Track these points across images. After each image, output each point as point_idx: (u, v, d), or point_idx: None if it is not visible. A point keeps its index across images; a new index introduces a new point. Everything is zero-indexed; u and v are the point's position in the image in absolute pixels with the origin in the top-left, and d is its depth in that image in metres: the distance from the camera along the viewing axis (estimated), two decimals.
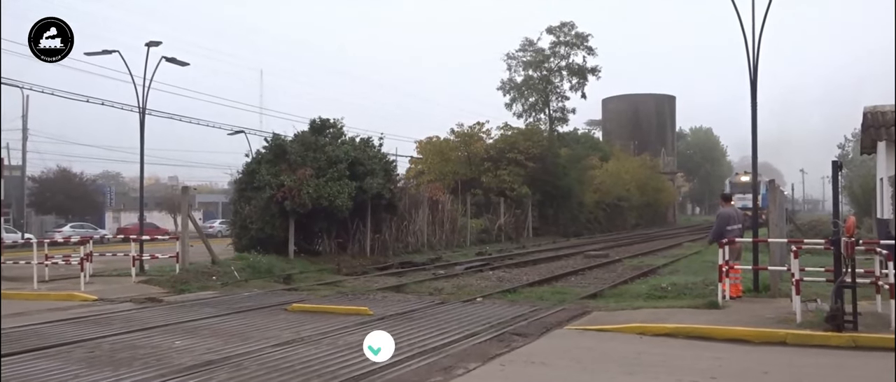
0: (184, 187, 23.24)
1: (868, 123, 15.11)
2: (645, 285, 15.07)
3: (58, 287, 15.86)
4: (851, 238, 8.99)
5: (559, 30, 49.68)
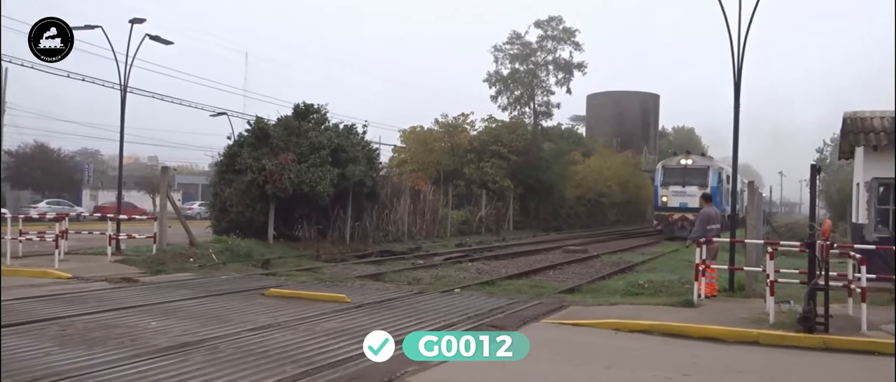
0: (164, 167, 23.01)
1: (847, 128, 15.28)
2: (622, 281, 15.19)
3: (31, 263, 15.66)
4: (826, 241, 9.11)
5: (547, 24, 49.73)
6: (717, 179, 34.68)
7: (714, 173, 35.10)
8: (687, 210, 33.51)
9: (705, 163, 36.35)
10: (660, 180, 36.52)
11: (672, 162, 37.66)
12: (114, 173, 48.16)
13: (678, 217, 34.37)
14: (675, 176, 35.86)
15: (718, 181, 34.74)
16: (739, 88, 13.47)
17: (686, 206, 33.85)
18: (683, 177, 35.41)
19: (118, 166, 22.61)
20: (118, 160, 22.20)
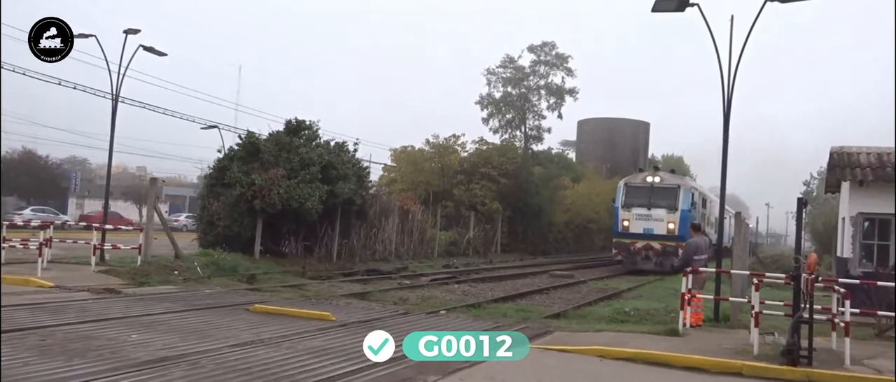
0: (152, 178, 22.89)
1: (834, 163, 15.43)
2: (608, 308, 15.19)
3: (13, 271, 15.47)
4: (811, 274, 9.16)
5: (540, 49, 50.20)
6: (689, 202, 29.63)
7: (685, 194, 29.76)
8: (653, 237, 29.09)
9: (675, 182, 30.81)
10: (621, 201, 30.56)
11: (636, 179, 31.46)
12: (101, 182, 47.86)
13: (642, 246, 29.23)
14: (639, 196, 30.05)
15: (691, 204, 29.72)
16: (729, 120, 13.59)
17: (651, 233, 29.22)
18: (649, 198, 29.78)
19: (106, 175, 22.46)
20: (107, 169, 22.06)
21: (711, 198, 35.64)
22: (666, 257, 28.39)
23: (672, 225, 28.77)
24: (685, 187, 30.35)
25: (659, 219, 29.11)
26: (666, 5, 13.53)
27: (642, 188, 30.39)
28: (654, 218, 29.28)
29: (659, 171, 32.11)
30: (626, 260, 29.63)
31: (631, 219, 29.70)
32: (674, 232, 28.50)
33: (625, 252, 29.75)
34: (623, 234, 29.96)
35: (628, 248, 29.56)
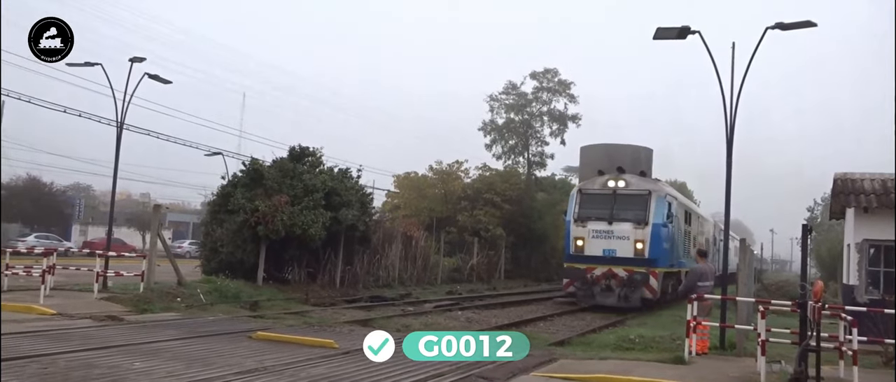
0: (155, 205, 22.94)
1: (838, 189, 15.41)
2: (613, 335, 15.09)
3: (16, 298, 15.44)
4: (818, 302, 9.10)
5: (543, 76, 50.36)
6: (664, 213, 22.66)
7: (659, 203, 22.67)
8: (615, 261, 22.17)
9: (645, 187, 23.29)
10: (573, 213, 23.36)
11: (594, 185, 24.08)
12: (105, 208, 47.95)
13: (601, 273, 22.18)
14: (597, 206, 23.04)
15: (668, 216, 22.90)
16: (731, 146, 13.62)
17: (613, 255, 22.27)
18: (611, 209, 22.71)
19: (110, 202, 22.51)
20: (111, 196, 22.12)
21: (699, 214, 31.78)
22: (633, 288, 21.71)
23: (641, 245, 21.83)
24: (659, 194, 22.96)
25: (623, 237, 22.06)
26: (667, 33, 13.65)
27: (602, 196, 23.09)
28: (618, 235, 22.19)
29: (624, 174, 23.74)
30: (581, 293, 22.55)
31: (586, 238, 22.64)
32: (643, 253, 21.85)
33: (578, 280, 22.62)
34: (576, 257, 22.86)
35: (583, 276, 22.44)
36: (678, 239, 24.52)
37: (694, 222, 28.43)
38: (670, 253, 23.50)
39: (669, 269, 23.38)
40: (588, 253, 22.66)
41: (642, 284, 21.73)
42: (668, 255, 23.24)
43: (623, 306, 21.47)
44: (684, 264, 24.81)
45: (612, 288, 22.07)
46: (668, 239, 23.02)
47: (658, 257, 22.16)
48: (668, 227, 22.88)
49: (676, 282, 24.09)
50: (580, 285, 22.66)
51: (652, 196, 22.74)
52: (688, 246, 26.47)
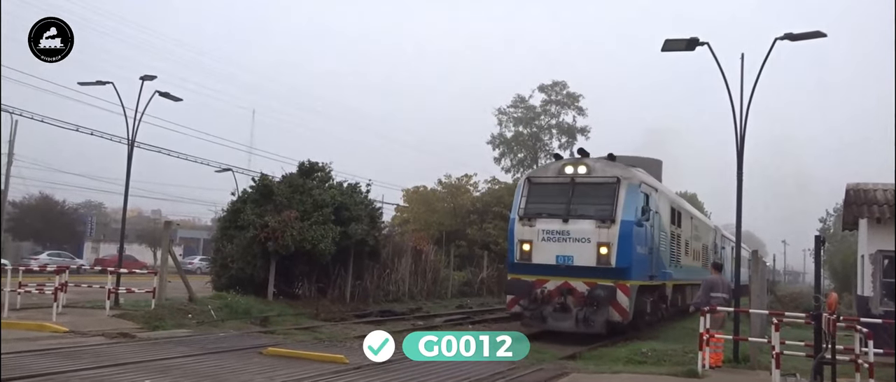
0: (166, 222, 23.03)
1: (850, 200, 15.31)
2: (625, 349, 14.96)
3: (29, 316, 15.52)
4: (833, 314, 9.02)
5: (551, 88, 50.48)
6: (637, 207, 17.11)
7: (631, 195, 17.15)
8: (574, 271, 16.84)
9: (612, 173, 17.63)
10: (520, 208, 17.87)
11: (547, 172, 19.01)
12: (116, 226, 48.19)
13: (555, 287, 16.95)
14: (550, 198, 17.76)
15: (641, 211, 17.28)
16: (742, 158, 13.56)
17: (570, 263, 16.85)
18: (568, 202, 17.31)
19: (122, 219, 22.63)
20: (122, 213, 22.24)
21: (694, 214, 26.51)
22: (595, 307, 16.30)
23: (606, 250, 16.51)
24: (631, 182, 17.26)
25: (583, 239, 16.69)
26: (675, 45, 13.64)
27: (556, 186, 17.74)
28: (576, 236, 16.80)
29: (585, 159, 18.22)
30: (528, 314, 17.10)
31: (535, 240, 17.30)
32: (609, 260, 16.48)
33: (524, 295, 17.21)
34: (522, 267, 17.51)
35: (529, 290, 17.08)
36: (660, 243, 18.57)
37: (686, 223, 23.05)
38: (648, 260, 17.54)
39: (647, 282, 17.71)
40: (537, 261, 17.07)
41: (607, 302, 16.12)
42: (645, 263, 17.37)
43: (582, 331, 16.09)
44: (670, 275, 19.88)
45: (568, 307, 16.53)
46: (645, 241, 17.19)
47: (629, 266, 16.33)
48: (645, 227, 17.17)
49: (658, 299, 19.36)
50: (527, 304, 16.92)
51: (621, 185, 16.94)
52: (677, 251, 20.95)
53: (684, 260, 22.19)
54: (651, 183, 19.11)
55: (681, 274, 21.45)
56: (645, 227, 17.37)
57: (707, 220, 31.34)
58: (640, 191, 17.44)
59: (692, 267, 23.43)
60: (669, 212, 20.41)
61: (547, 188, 18.07)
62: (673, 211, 21.00)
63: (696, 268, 24.11)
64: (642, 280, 17.50)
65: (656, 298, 19.08)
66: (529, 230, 17.42)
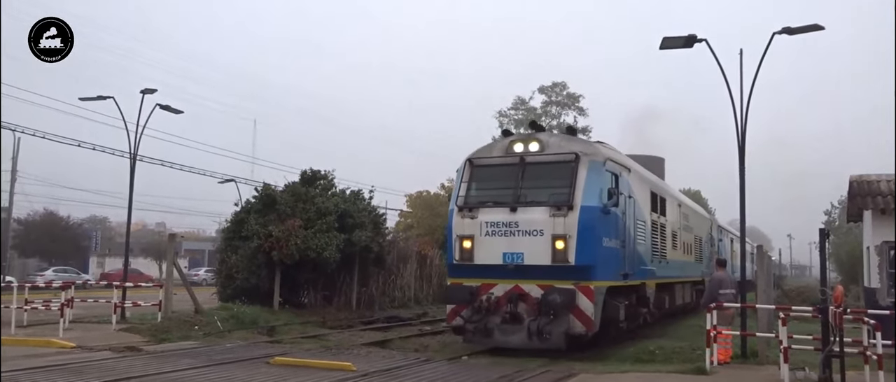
0: (170, 234, 23.06)
1: (854, 192, 15.27)
2: (632, 347, 14.91)
3: (36, 332, 15.54)
4: (839, 307, 8.99)
5: (551, 90, 50.48)
6: (604, 190, 14.02)
7: (595, 175, 13.98)
8: (525, 272, 13.68)
9: (570, 149, 14.42)
10: (461, 195, 14.80)
11: (491, 152, 15.29)
12: (121, 240, 48.26)
13: (504, 293, 13.81)
14: (495, 183, 14.85)
15: (607, 195, 13.99)
16: (744, 153, 13.55)
17: (520, 262, 13.68)
18: (516, 186, 14.31)
19: (126, 233, 22.66)
20: (126, 227, 22.27)
21: (682, 201, 22.53)
22: (551, 316, 13.15)
23: (562, 244, 13.33)
24: (593, 159, 14.11)
25: (534, 231, 13.56)
26: (673, 42, 13.64)
27: (503, 168, 14.65)
28: (526, 228, 13.69)
29: (537, 134, 15.12)
30: (472, 327, 13.78)
31: (477, 235, 14.14)
32: (566, 256, 13.29)
33: (460, 299, 14.22)
34: (462, 268, 14.39)
35: (467, 295, 13.97)
36: (636, 234, 15.29)
37: (672, 211, 19.58)
38: (619, 255, 14.26)
39: (619, 282, 14.34)
40: (480, 261, 13.98)
41: (566, 309, 13.00)
42: (615, 259, 14.12)
43: (537, 347, 13.01)
44: (652, 272, 16.51)
45: (520, 316, 13.33)
46: (614, 232, 14.04)
47: (592, 263, 13.22)
48: (613, 214, 13.96)
49: (637, 302, 15.80)
50: (470, 314, 13.69)
51: (581, 163, 13.67)
52: (661, 244, 17.62)
53: (672, 255, 18.78)
54: (622, 161, 15.67)
55: (667, 270, 18.09)
56: (613, 215, 13.96)
57: (701, 210, 27.84)
58: (606, 171, 14.09)
59: (683, 262, 20.41)
60: (649, 198, 17.08)
61: (492, 171, 14.79)
62: (654, 196, 17.61)
63: (689, 264, 21.63)
64: (612, 279, 13.97)
65: (633, 301, 15.38)
66: (470, 223, 14.13)
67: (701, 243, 24.15)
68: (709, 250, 25.76)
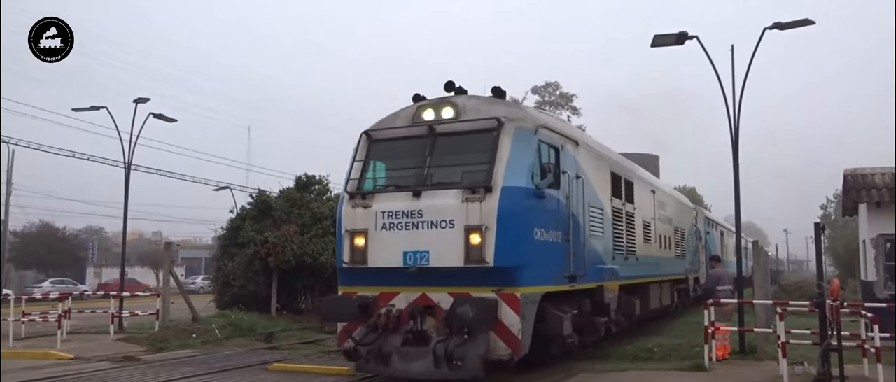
0: (167, 243, 22.99)
1: (849, 185, 15.30)
2: (631, 345, 14.90)
3: (33, 345, 15.49)
4: (836, 300, 9.01)
5: (544, 89, 50.53)
6: (534, 165, 10.38)
7: (522, 144, 10.31)
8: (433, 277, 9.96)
9: (494, 113, 10.55)
10: (353, 178, 11.08)
11: (395, 121, 11.36)
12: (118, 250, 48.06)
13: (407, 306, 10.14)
14: (397, 160, 11.31)
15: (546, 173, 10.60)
16: (737, 148, 13.58)
17: (425, 264, 9.97)
18: (423, 164, 10.63)
19: (122, 243, 22.61)
20: (122, 237, 22.22)
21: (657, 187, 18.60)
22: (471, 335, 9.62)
23: (478, 238, 9.81)
24: (521, 125, 10.67)
25: (441, 222, 10.11)
26: (665, 40, 13.66)
27: (408, 141, 11.16)
28: (431, 218, 10.19)
29: (454, 98, 11.23)
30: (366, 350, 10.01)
31: (372, 230, 10.60)
32: (481, 254, 9.76)
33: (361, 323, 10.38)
34: (355, 273, 10.78)
35: (358, 311, 10.33)
36: (588, 224, 11.88)
37: (643, 197, 16.18)
38: (562, 251, 10.88)
39: (563, 287, 10.92)
40: (375, 264, 10.45)
41: (484, 325, 9.61)
42: (556, 256, 10.76)
43: (447, 378, 9.48)
44: (614, 272, 13.06)
45: (426, 336, 9.93)
46: (553, 221, 10.73)
47: (519, 262, 9.84)
48: (551, 197, 10.67)
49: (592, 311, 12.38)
50: (364, 333, 10.15)
51: (505, 131, 10.36)
52: (627, 237, 14.35)
53: (644, 250, 15.63)
54: (566, 131, 12.07)
55: (637, 268, 14.94)
56: (551, 199, 10.60)
57: (683, 198, 24.41)
58: (541, 142, 10.61)
59: (659, 259, 17.26)
60: (609, 179, 13.55)
61: (394, 146, 11.19)
62: (617, 179, 14.15)
63: (667, 260, 18.20)
64: (549, 283, 10.48)
65: (587, 309, 12.13)
66: (363, 213, 10.50)
67: (683, 236, 21.13)
68: (694, 244, 22.96)
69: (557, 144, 11.20)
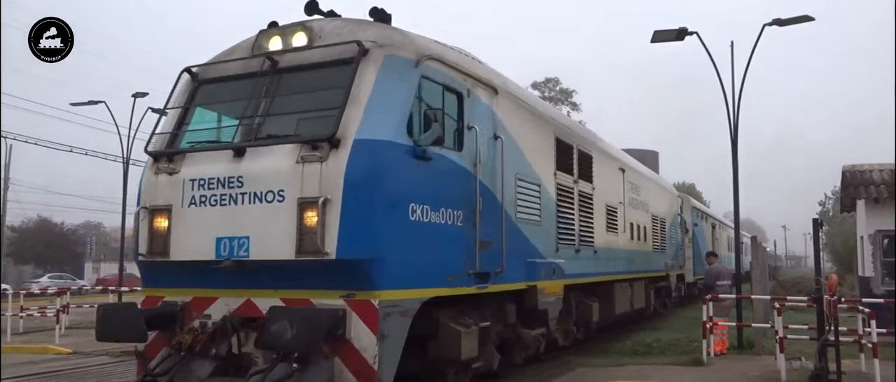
0: None
1: (847, 182, 15.33)
2: (629, 341, 14.94)
3: (32, 339, 15.50)
4: (833, 296, 9.03)
5: (544, 85, 50.52)
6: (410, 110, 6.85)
7: (392, 78, 6.80)
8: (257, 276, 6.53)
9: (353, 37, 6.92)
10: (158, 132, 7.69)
11: (232, 54, 7.70)
12: (116, 245, 48.14)
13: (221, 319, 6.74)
14: (228, 105, 7.54)
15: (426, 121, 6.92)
16: (736, 143, 13.60)
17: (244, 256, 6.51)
18: (255, 104, 7.03)
19: (120, 238, 22.62)
20: (120, 231, 22.24)
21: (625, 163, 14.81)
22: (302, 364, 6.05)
23: (314, 215, 6.25)
24: (393, 54, 6.99)
25: (266, 193, 6.53)
26: (665, 36, 13.67)
27: (242, 81, 7.40)
28: (253, 188, 6.61)
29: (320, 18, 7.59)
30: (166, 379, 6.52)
31: (177, 207, 7.00)
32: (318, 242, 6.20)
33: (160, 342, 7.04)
34: (155, 269, 7.33)
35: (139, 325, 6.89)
36: (514, 203, 8.72)
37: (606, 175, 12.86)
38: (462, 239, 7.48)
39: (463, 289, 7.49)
40: (177, 257, 7.07)
41: (315, 346, 6.09)
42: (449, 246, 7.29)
43: None
44: (556, 268, 9.95)
45: (246, 361, 6.64)
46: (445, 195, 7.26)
47: (381, 253, 6.37)
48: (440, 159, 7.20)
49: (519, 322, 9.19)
50: (166, 355, 6.87)
51: (369, 60, 6.87)
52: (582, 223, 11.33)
53: (606, 241, 12.56)
54: (475, 71, 8.32)
55: (595, 264, 11.97)
56: (443, 162, 7.29)
57: (664, 182, 21.32)
58: (424, 77, 7.25)
59: (629, 252, 14.33)
60: (553, 147, 10.30)
61: (226, 88, 7.72)
62: (565, 147, 10.78)
63: (641, 253, 15.37)
64: (440, 285, 7.21)
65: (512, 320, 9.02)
66: (168, 183, 7.23)
67: (664, 227, 18.25)
68: (679, 237, 20.30)
69: (460, 88, 7.76)
